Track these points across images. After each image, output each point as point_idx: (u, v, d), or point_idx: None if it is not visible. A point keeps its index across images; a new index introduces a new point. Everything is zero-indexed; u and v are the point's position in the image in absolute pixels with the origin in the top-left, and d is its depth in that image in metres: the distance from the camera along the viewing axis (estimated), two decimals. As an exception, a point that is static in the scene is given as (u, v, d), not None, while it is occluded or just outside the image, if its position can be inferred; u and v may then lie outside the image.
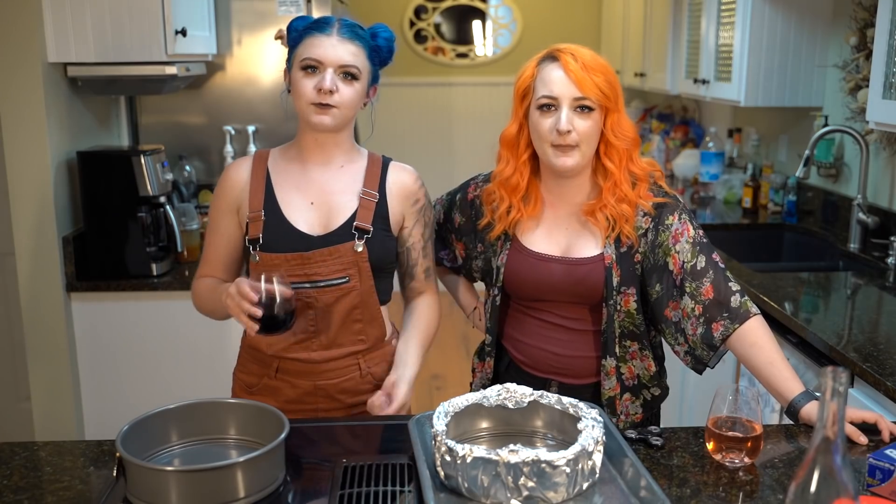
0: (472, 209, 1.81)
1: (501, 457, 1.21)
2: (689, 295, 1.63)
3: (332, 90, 1.63)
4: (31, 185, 2.64)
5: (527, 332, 1.76)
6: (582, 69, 1.57)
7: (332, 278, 1.69)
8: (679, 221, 1.66)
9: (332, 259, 1.69)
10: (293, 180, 1.73)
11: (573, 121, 1.58)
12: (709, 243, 1.68)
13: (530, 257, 1.70)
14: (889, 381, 1.77)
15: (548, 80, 1.60)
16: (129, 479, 1.27)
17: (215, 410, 1.45)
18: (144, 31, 2.66)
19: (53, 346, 2.75)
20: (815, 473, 0.95)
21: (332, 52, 1.64)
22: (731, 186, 3.95)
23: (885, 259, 2.78)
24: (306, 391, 1.75)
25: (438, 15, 5.84)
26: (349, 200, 1.72)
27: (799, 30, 3.29)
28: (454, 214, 1.85)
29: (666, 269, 1.65)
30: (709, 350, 1.62)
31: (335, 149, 1.75)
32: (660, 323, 1.69)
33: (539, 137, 1.63)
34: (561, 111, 1.59)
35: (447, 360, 4.70)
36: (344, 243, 1.69)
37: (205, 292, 1.78)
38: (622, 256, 1.66)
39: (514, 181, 1.69)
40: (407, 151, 5.87)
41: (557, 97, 1.59)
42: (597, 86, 1.58)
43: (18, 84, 2.59)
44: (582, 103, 1.59)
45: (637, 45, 4.87)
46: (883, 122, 2.38)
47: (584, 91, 1.57)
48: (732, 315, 1.60)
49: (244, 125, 3.23)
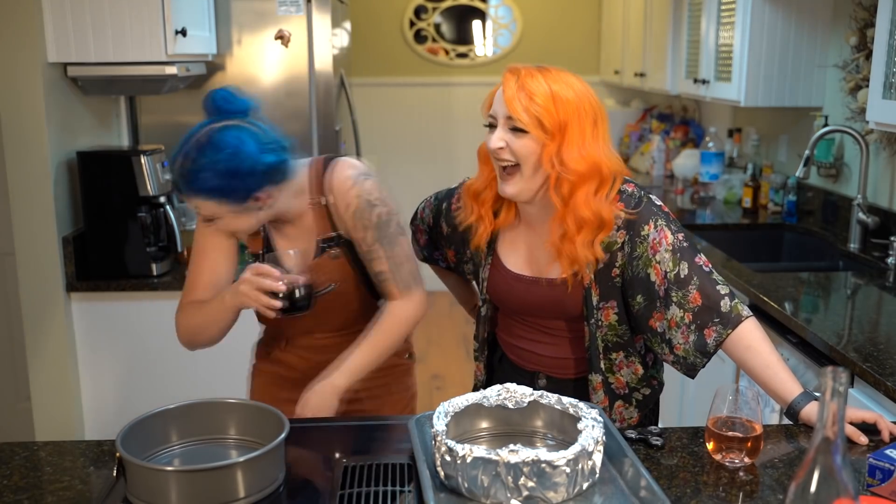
0: (458, 220, 1.78)
1: (501, 457, 1.21)
2: (676, 304, 1.58)
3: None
4: (31, 185, 2.64)
5: (515, 335, 1.78)
6: (518, 90, 1.52)
7: (319, 289, 1.73)
8: (656, 230, 1.59)
9: (319, 272, 1.74)
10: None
11: (506, 138, 1.54)
12: (690, 247, 1.60)
13: (508, 277, 1.70)
14: (889, 381, 1.77)
15: (493, 99, 1.58)
16: (129, 479, 1.27)
17: (215, 410, 1.46)
18: (144, 31, 2.66)
19: (53, 346, 2.75)
20: (815, 473, 0.95)
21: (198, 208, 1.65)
22: (731, 186, 3.95)
23: (885, 259, 2.78)
24: (315, 365, 1.80)
25: (438, 15, 5.84)
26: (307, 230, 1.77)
27: (799, 30, 3.29)
28: (441, 222, 1.85)
29: (648, 281, 1.60)
30: (703, 357, 1.59)
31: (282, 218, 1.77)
32: (645, 333, 1.65)
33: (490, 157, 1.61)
34: (497, 130, 1.56)
35: (447, 360, 4.69)
36: (319, 257, 1.76)
37: (194, 309, 1.75)
38: (600, 273, 1.63)
39: (481, 191, 1.68)
40: (407, 151, 5.88)
41: (494, 115, 1.57)
42: (527, 110, 1.51)
43: (18, 84, 2.59)
44: (512, 124, 1.53)
45: (637, 45, 4.87)
46: (883, 122, 2.38)
47: (511, 112, 1.52)
48: (724, 320, 1.56)
49: (244, 125, 3.22)
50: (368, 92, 5.56)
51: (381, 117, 5.77)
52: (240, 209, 1.64)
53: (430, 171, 5.84)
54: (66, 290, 2.75)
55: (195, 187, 1.60)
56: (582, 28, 5.79)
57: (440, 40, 5.87)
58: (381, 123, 5.75)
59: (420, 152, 5.87)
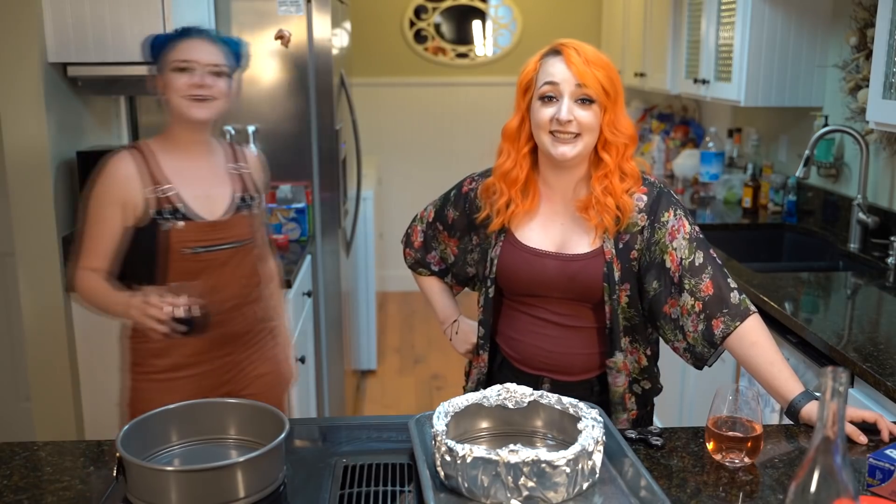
0: (466, 202, 1.80)
1: (501, 457, 1.21)
2: (688, 292, 1.63)
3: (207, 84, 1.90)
4: (31, 185, 2.64)
5: (519, 328, 1.75)
6: (584, 63, 1.59)
7: (240, 241, 1.98)
8: (675, 218, 1.66)
9: (235, 227, 1.97)
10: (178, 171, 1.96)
11: (574, 111, 1.60)
12: (705, 239, 1.69)
13: (524, 252, 1.70)
14: (889, 381, 1.77)
15: (550, 71, 1.62)
16: (129, 479, 1.27)
17: (215, 410, 1.46)
18: (144, 31, 2.64)
19: (53, 346, 2.75)
20: (815, 473, 0.95)
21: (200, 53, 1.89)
22: (731, 186, 3.95)
23: (885, 259, 2.78)
24: (213, 341, 1.96)
25: (438, 15, 5.84)
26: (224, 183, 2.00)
27: (799, 30, 3.29)
28: (447, 211, 1.85)
29: (663, 267, 1.65)
30: (709, 347, 1.63)
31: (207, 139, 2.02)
32: (658, 319, 1.69)
33: (539, 126, 1.63)
34: (562, 101, 1.60)
35: (447, 360, 4.70)
36: (239, 213, 1.98)
37: (95, 290, 1.91)
38: (620, 252, 1.66)
39: (514, 174, 1.70)
40: (407, 151, 5.88)
41: (559, 88, 1.61)
42: (598, 80, 1.59)
43: (18, 84, 2.59)
44: (583, 94, 1.60)
45: (637, 45, 4.87)
46: (883, 122, 2.38)
47: (585, 82, 1.59)
48: (732, 312, 1.61)
49: (244, 125, 3.23)
50: (368, 92, 5.56)
51: (381, 117, 5.77)
52: (230, 72, 1.92)
53: (429, 171, 5.84)
54: (66, 290, 2.75)
55: (208, 34, 1.92)
56: (582, 28, 5.79)
57: (440, 40, 5.87)
58: (381, 123, 5.75)
59: (420, 152, 5.87)
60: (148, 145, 1.97)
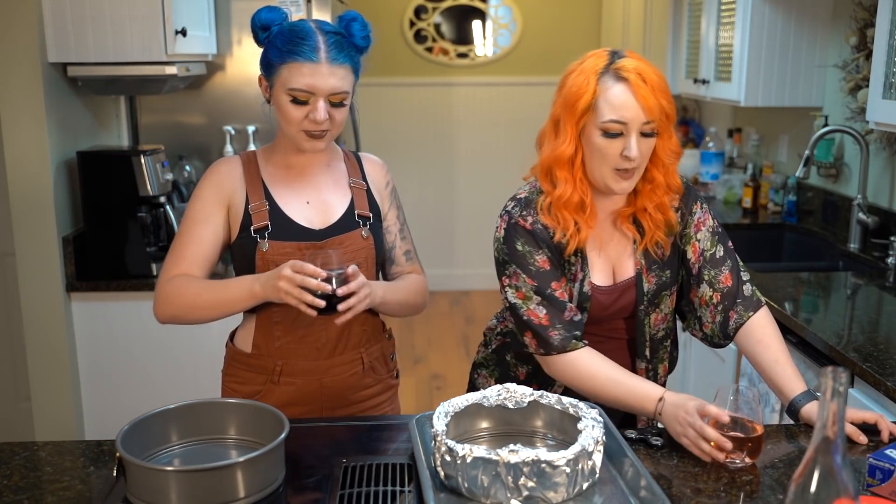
0: (541, 235, 1.61)
1: (501, 457, 1.21)
2: (707, 283, 1.67)
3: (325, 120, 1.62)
4: (31, 185, 2.64)
5: None
6: (651, 93, 1.50)
7: (342, 268, 1.58)
8: (701, 210, 1.70)
9: (343, 247, 1.69)
10: (285, 180, 1.74)
11: (640, 146, 1.52)
12: (724, 232, 1.72)
13: (598, 293, 1.65)
14: (889, 381, 1.77)
15: (617, 104, 1.50)
16: (129, 479, 1.27)
17: (215, 410, 1.46)
18: (144, 31, 2.66)
19: (53, 346, 2.75)
20: (815, 473, 0.95)
21: (322, 81, 1.60)
22: (731, 186, 3.95)
23: (885, 259, 2.78)
24: (310, 392, 1.74)
25: (438, 15, 5.84)
26: (342, 194, 1.75)
27: (799, 30, 3.29)
28: (536, 259, 1.60)
29: (684, 257, 1.70)
30: (724, 338, 1.68)
31: (321, 153, 1.76)
32: (683, 305, 1.74)
33: (603, 161, 1.54)
34: (630, 137, 1.51)
35: (447, 360, 4.70)
36: (351, 231, 1.71)
37: (200, 288, 1.65)
38: (651, 266, 1.67)
39: (576, 200, 1.58)
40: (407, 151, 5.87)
41: (628, 124, 1.51)
42: (663, 109, 1.52)
43: (18, 84, 2.59)
44: (650, 129, 1.52)
45: (637, 45, 4.86)
46: (883, 122, 2.38)
47: (652, 116, 1.51)
48: (746, 303, 1.65)
49: (244, 125, 3.22)
50: (368, 92, 5.56)
51: (381, 117, 5.76)
52: (351, 93, 1.66)
53: (430, 171, 5.83)
54: (66, 290, 2.75)
55: (333, 53, 1.61)
56: (582, 28, 5.79)
57: (440, 40, 5.87)
58: (381, 123, 5.75)
59: (420, 152, 5.87)
60: (256, 156, 1.76)
